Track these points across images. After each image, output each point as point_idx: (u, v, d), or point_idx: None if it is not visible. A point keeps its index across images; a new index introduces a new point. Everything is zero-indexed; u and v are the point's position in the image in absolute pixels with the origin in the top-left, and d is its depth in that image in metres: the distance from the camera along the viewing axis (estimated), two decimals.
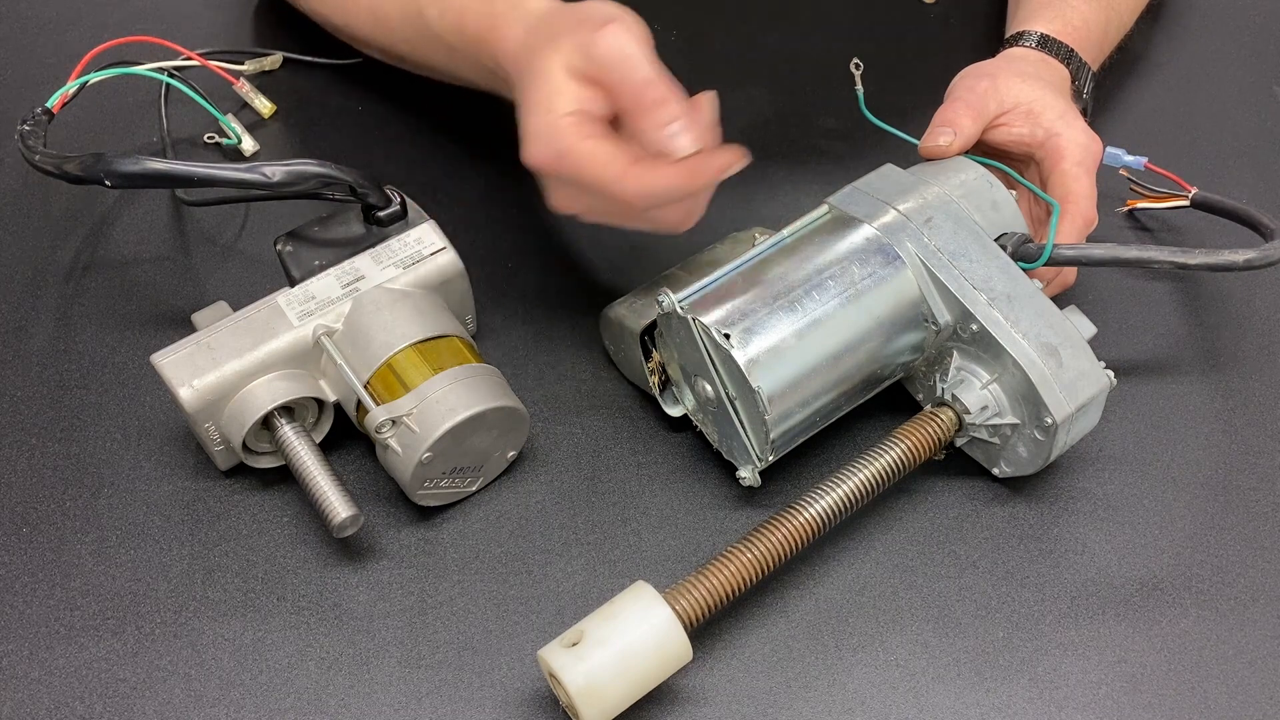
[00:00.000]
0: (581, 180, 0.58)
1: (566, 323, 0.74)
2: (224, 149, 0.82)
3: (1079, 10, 0.78)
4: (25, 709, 0.58)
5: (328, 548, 0.64)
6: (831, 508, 0.60)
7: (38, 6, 0.93)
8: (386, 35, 0.77)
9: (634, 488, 0.66)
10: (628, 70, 0.56)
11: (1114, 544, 0.65)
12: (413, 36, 0.74)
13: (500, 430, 0.63)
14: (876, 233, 0.63)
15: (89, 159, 0.63)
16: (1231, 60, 0.92)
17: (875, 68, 0.74)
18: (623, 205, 0.58)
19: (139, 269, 0.76)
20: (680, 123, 0.56)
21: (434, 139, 0.83)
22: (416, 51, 0.76)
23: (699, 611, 0.57)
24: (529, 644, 0.60)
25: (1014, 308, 0.62)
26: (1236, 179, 0.83)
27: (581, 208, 0.62)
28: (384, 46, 0.79)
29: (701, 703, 0.59)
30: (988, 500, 0.66)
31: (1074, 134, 0.68)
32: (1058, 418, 0.60)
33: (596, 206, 0.61)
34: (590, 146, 0.57)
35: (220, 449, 0.63)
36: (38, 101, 0.72)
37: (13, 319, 0.73)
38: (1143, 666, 0.60)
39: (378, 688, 0.59)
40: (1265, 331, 0.74)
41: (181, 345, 0.62)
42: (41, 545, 0.63)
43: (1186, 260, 0.64)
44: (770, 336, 0.60)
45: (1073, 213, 0.67)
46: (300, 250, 0.66)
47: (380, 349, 0.62)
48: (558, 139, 0.57)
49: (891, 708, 0.59)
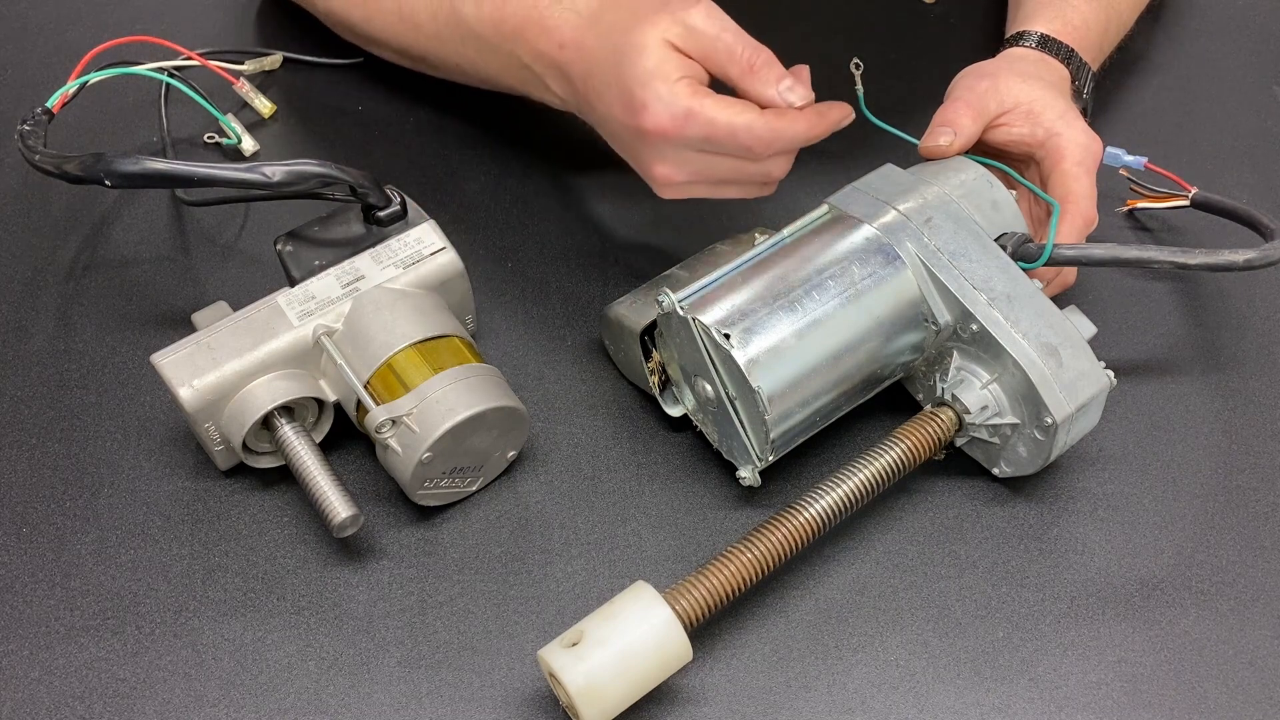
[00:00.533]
0: (713, 134, 0.61)
1: (566, 323, 0.74)
2: (224, 149, 0.82)
3: (1079, 10, 0.78)
4: (25, 709, 0.58)
5: (328, 548, 0.64)
6: (831, 508, 0.60)
7: (38, 6, 0.93)
8: (412, 32, 0.77)
9: (634, 488, 0.66)
10: (731, 39, 0.62)
11: (1114, 544, 0.65)
12: (443, 31, 0.74)
13: (500, 430, 0.63)
14: (876, 233, 0.63)
15: (89, 159, 0.63)
16: (1231, 60, 0.92)
17: (875, 68, 0.74)
18: (746, 154, 0.62)
19: (139, 269, 0.76)
20: (790, 80, 0.63)
21: (434, 139, 0.83)
22: (443, 48, 0.75)
23: (699, 611, 0.57)
24: (529, 644, 0.60)
25: (1014, 308, 0.62)
26: (1236, 179, 0.83)
27: (690, 173, 0.64)
28: (407, 44, 0.78)
29: (701, 703, 0.59)
30: (988, 500, 0.66)
31: (1074, 134, 0.68)
32: (1058, 418, 0.60)
33: (711, 168, 0.64)
34: (714, 101, 0.61)
35: (220, 449, 0.63)
36: (38, 101, 0.72)
37: (13, 319, 0.73)
38: (1143, 666, 0.60)
39: (378, 688, 0.59)
40: (1265, 331, 0.74)
41: (181, 345, 0.62)
42: (41, 545, 0.63)
43: (1186, 260, 0.64)
44: (770, 336, 0.60)
45: (1073, 212, 0.67)
46: (300, 250, 0.66)
47: (380, 349, 0.62)
48: (679, 100, 0.61)
49: (891, 708, 0.59)
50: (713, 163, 0.64)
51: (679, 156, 0.63)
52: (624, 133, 0.65)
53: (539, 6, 0.67)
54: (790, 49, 0.91)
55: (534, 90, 0.72)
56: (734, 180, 0.66)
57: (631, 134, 0.64)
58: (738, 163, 0.64)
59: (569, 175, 0.82)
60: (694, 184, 0.65)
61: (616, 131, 0.66)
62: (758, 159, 0.63)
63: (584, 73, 0.66)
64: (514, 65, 0.70)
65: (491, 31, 0.70)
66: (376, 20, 0.78)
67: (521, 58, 0.69)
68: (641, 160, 0.65)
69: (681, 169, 0.64)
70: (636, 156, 0.66)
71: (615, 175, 0.81)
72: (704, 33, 0.62)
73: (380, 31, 0.79)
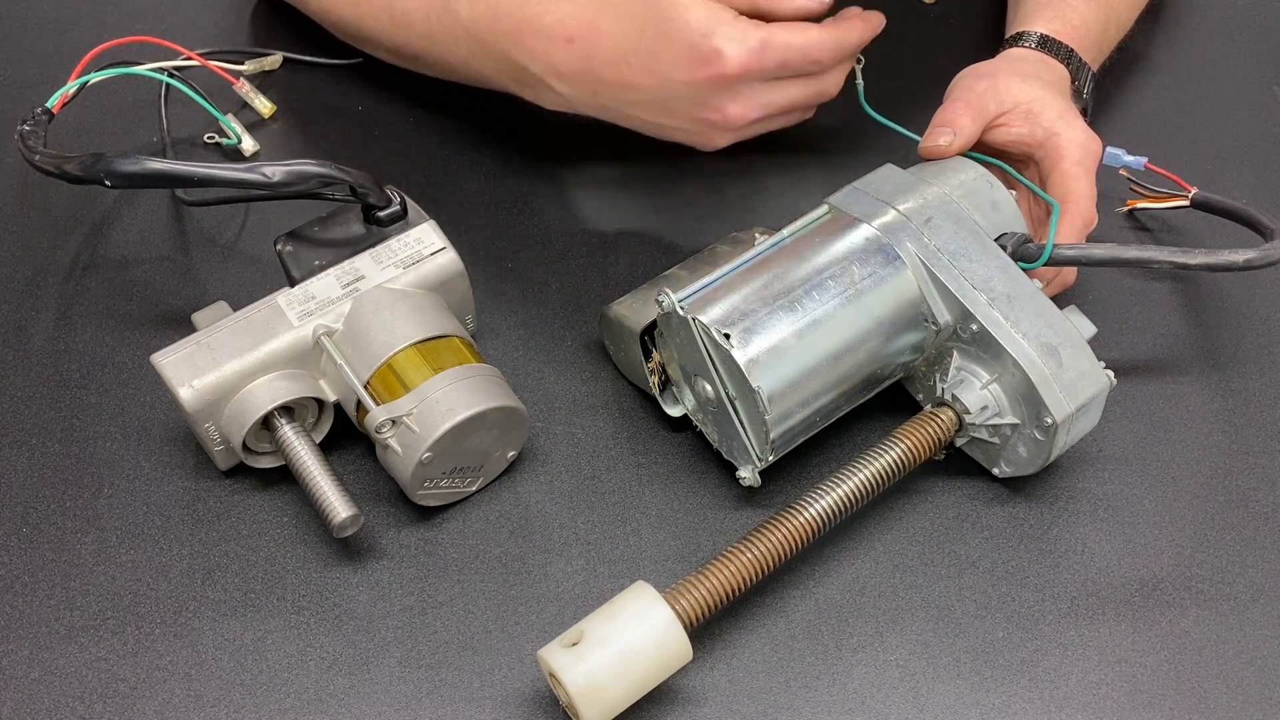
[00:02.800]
0: (787, 57, 0.65)
1: (566, 323, 0.74)
2: (224, 149, 0.82)
3: (1078, 10, 0.78)
4: (25, 709, 0.58)
5: (328, 548, 0.64)
6: (831, 508, 0.60)
7: (38, 6, 0.93)
8: (404, 31, 0.77)
9: (634, 488, 0.66)
10: None
11: (1114, 544, 0.65)
12: (435, 31, 0.74)
13: (500, 430, 0.63)
14: (876, 233, 0.64)
15: (89, 159, 0.63)
16: (1231, 60, 0.92)
17: (875, 67, 0.74)
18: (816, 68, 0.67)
19: (139, 269, 0.76)
20: None
21: (434, 139, 0.83)
22: (435, 48, 0.76)
23: (699, 611, 0.57)
24: (529, 644, 0.60)
25: (1014, 308, 0.62)
26: (1236, 179, 0.83)
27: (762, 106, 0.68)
28: (399, 44, 0.79)
29: (701, 703, 0.59)
30: (988, 500, 0.66)
31: (1073, 134, 0.68)
32: (1058, 418, 0.60)
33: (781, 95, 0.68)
34: (778, 26, 0.66)
35: (220, 449, 0.63)
36: (38, 101, 0.72)
37: (13, 319, 0.73)
38: (1143, 666, 0.60)
39: (378, 688, 0.59)
40: (1265, 331, 0.74)
41: (181, 345, 0.62)
42: (41, 545, 0.63)
43: (1186, 260, 0.64)
44: (770, 336, 0.60)
45: (1072, 212, 0.67)
46: (300, 250, 0.66)
47: (380, 349, 0.62)
48: (750, 35, 0.65)
49: (891, 708, 0.59)
50: (783, 90, 0.68)
51: (751, 92, 0.67)
52: (689, 91, 0.67)
53: (531, 5, 0.68)
54: None
55: (529, 90, 0.72)
56: (798, 105, 0.70)
57: (702, 87, 0.66)
58: (804, 83, 0.68)
59: (569, 175, 0.82)
60: (763, 120, 0.69)
61: (675, 95, 0.67)
62: (824, 71, 0.68)
63: (611, 57, 0.67)
64: (509, 66, 0.71)
65: (486, 31, 0.71)
66: (368, 19, 0.79)
67: (518, 59, 0.70)
68: (710, 108, 0.67)
69: (754, 104, 0.67)
70: (703, 107, 0.67)
71: (616, 174, 0.82)
72: None
73: (372, 31, 0.79)
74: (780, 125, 0.72)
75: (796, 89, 0.68)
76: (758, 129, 0.71)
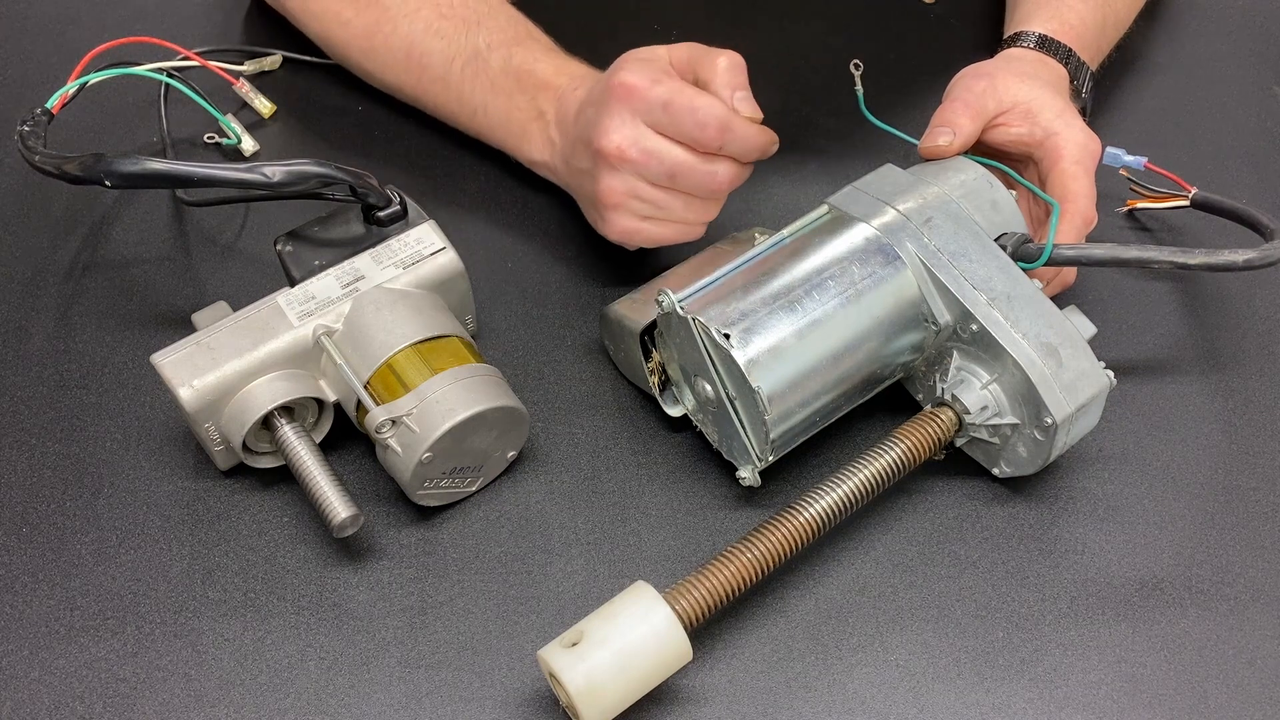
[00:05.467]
0: (675, 101, 0.64)
1: (566, 323, 0.74)
2: (224, 149, 0.82)
3: (1076, 10, 0.78)
4: (25, 709, 0.58)
5: (328, 548, 0.64)
6: (831, 508, 0.60)
7: (38, 6, 0.93)
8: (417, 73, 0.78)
9: (634, 488, 0.66)
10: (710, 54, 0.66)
11: (1114, 544, 0.65)
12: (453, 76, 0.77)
13: (500, 430, 0.63)
14: (876, 233, 0.63)
15: (89, 159, 0.63)
16: (1231, 60, 0.92)
17: (875, 68, 0.74)
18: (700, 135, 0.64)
19: (139, 269, 0.76)
20: (746, 93, 0.66)
21: (434, 139, 0.83)
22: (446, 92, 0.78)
23: (699, 611, 0.57)
24: (529, 644, 0.60)
25: (1014, 308, 0.62)
26: (1236, 179, 0.83)
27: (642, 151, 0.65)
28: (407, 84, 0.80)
29: (701, 703, 0.59)
30: (988, 500, 0.66)
31: (1072, 133, 0.68)
32: (1058, 418, 0.60)
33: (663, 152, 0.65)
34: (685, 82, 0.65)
35: (220, 449, 0.63)
36: (38, 101, 0.72)
37: (13, 319, 0.73)
38: (1143, 666, 0.60)
39: (378, 688, 0.59)
40: (1265, 331, 0.74)
41: (181, 345, 0.62)
42: (41, 545, 0.63)
43: (1186, 260, 0.64)
44: (770, 336, 0.60)
45: (1072, 212, 0.67)
46: (300, 250, 0.66)
47: (380, 349, 0.62)
48: (656, 69, 0.65)
49: (891, 708, 0.59)
50: (663, 146, 0.65)
51: (636, 129, 0.65)
52: (592, 110, 0.67)
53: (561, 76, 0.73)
54: (791, 49, 0.92)
55: (527, 139, 0.75)
56: (683, 176, 0.66)
57: (599, 102, 0.66)
58: (686, 154, 0.65)
59: None
60: (642, 169, 0.65)
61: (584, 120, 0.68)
62: (708, 147, 0.64)
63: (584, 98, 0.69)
64: (525, 114, 0.74)
65: (513, 82, 0.74)
66: (381, 54, 0.79)
67: (540, 106, 0.73)
68: (598, 129, 0.65)
69: (635, 143, 0.64)
70: (594, 128, 0.66)
71: None
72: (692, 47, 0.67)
73: (380, 67, 0.80)
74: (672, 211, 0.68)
75: (678, 156, 0.65)
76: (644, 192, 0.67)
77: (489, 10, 0.77)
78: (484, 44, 0.75)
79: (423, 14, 0.77)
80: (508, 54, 0.75)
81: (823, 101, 0.85)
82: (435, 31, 0.76)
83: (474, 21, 0.76)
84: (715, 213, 0.69)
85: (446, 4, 0.77)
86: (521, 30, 0.77)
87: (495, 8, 0.77)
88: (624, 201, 0.67)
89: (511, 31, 0.76)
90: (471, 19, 0.76)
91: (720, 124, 0.64)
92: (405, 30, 0.77)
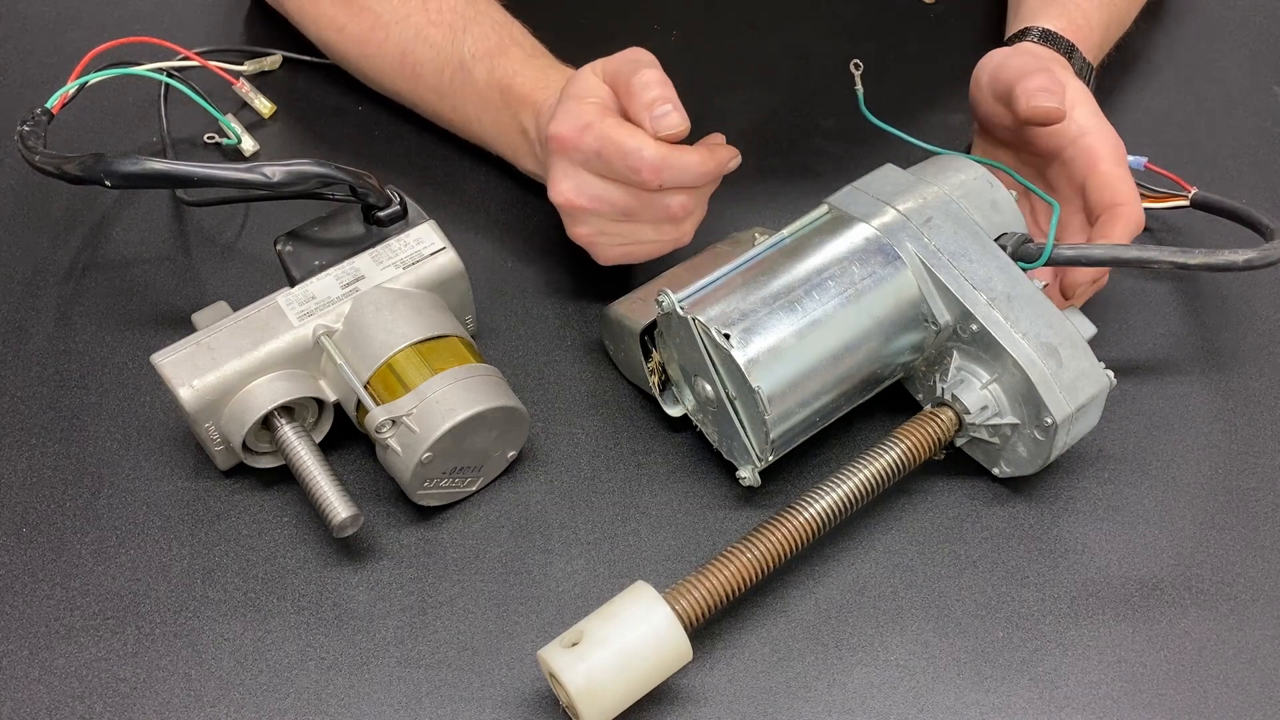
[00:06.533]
0: (604, 149, 0.63)
1: (566, 323, 0.74)
2: (224, 149, 0.82)
3: (1082, 8, 0.77)
4: (25, 709, 0.58)
5: (328, 548, 0.64)
6: (831, 508, 0.60)
7: (38, 6, 0.93)
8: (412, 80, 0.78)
9: (634, 488, 0.66)
10: (634, 67, 0.64)
11: (1114, 544, 0.65)
12: (445, 86, 0.76)
13: (500, 430, 0.63)
14: (876, 233, 0.63)
15: (89, 159, 0.63)
16: (1231, 60, 0.92)
17: (875, 68, 0.74)
18: (636, 178, 0.63)
19: (139, 269, 0.76)
20: (670, 105, 0.63)
21: (434, 139, 0.83)
22: (441, 101, 0.78)
23: (699, 611, 0.57)
24: (529, 644, 0.60)
25: (1014, 308, 0.62)
26: (1236, 179, 0.83)
27: (590, 198, 0.65)
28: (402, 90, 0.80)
29: (701, 703, 0.59)
30: (988, 500, 0.66)
31: (1105, 133, 0.67)
32: (1058, 418, 0.60)
33: (609, 194, 0.65)
34: (615, 121, 0.63)
35: (220, 449, 0.63)
36: (38, 101, 0.72)
37: (13, 319, 0.73)
38: (1143, 666, 0.60)
39: (378, 688, 0.59)
40: (1265, 331, 0.74)
41: (181, 345, 0.62)
42: (41, 545, 0.63)
43: (1186, 260, 0.64)
44: (770, 336, 0.60)
45: (1127, 215, 0.66)
46: (300, 250, 0.66)
47: (380, 349, 0.62)
48: (584, 115, 0.63)
49: (891, 708, 0.59)
50: (609, 190, 0.65)
51: (579, 177, 0.65)
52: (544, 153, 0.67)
53: (540, 90, 0.71)
54: (791, 49, 0.92)
55: (521, 155, 0.75)
56: (638, 212, 0.65)
57: (547, 151, 0.66)
58: (634, 193, 0.64)
59: None
60: (597, 212, 0.66)
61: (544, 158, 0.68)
62: (648, 186, 0.64)
63: None
64: (512, 129, 0.73)
65: (497, 96, 0.73)
66: (375, 60, 0.79)
67: (522, 122, 0.72)
68: (549, 181, 0.66)
69: (581, 192, 0.65)
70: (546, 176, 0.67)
71: None
72: (618, 61, 0.65)
73: (377, 73, 0.80)
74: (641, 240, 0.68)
75: (623, 195, 0.64)
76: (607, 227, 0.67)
77: (475, 15, 0.76)
78: (469, 54, 0.74)
79: (412, 20, 0.76)
80: (490, 65, 0.74)
81: (823, 101, 0.85)
82: (425, 39, 0.76)
83: (460, 29, 0.75)
84: (691, 229, 0.68)
85: (435, 9, 0.76)
86: (505, 37, 0.75)
87: (482, 11, 0.76)
88: (595, 239, 0.68)
89: (495, 40, 0.75)
90: (458, 25, 0.75)
91: (653, 166, 0.62)
92: (397, 37, 0.77)
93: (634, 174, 0.63)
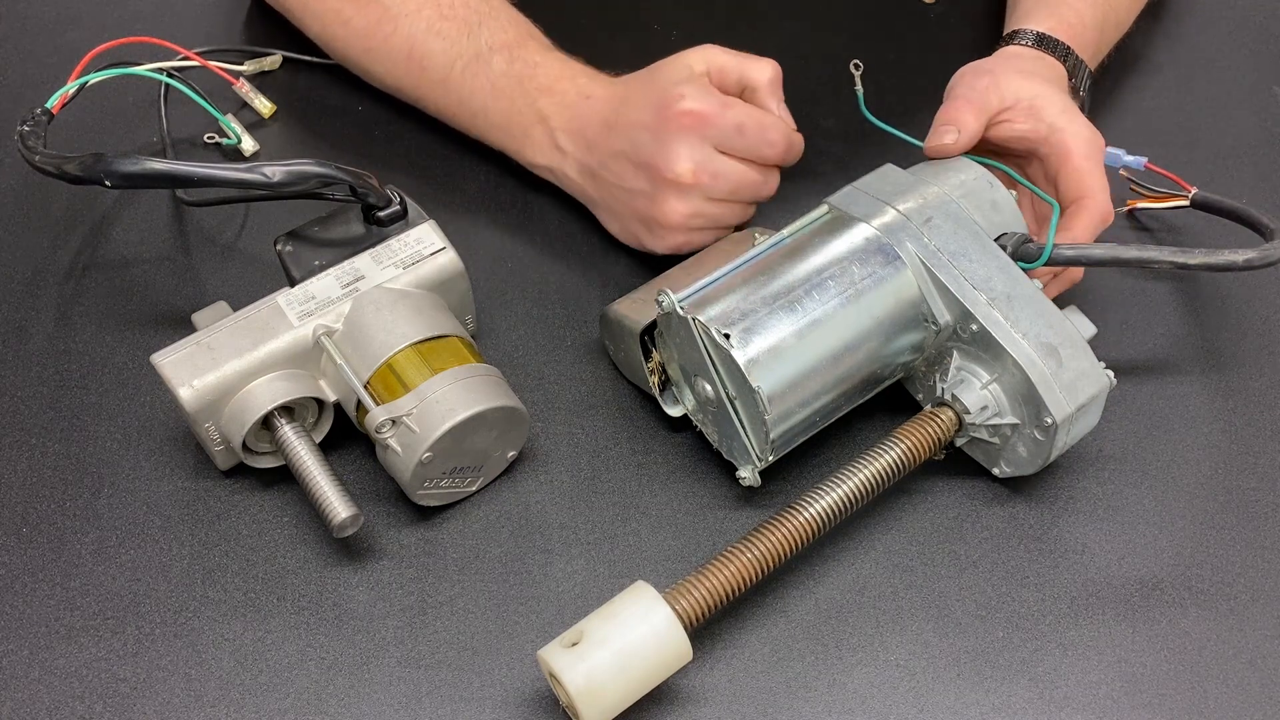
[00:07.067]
0: (747, 123, 0.68)
1: (566, 323, 0.74)
2: (224, 149, 0.82)
3: (1075, 9, 0.78)
4: (25, 709, 0.58)
5: (328, 548, 0.64)
6: (831, 508, 0.60)
7: (38, 6, 0.93)
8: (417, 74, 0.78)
9: (634, 488, 0.66)
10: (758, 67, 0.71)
11: (1114, 544, 0.65)
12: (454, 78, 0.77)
13: (500, 430, 0.63)
14: (876, 233, 0.63)
15: (89, 159, 0.63)
16: (1231, 60, 0.92)
17: (875, 68, 0.74)
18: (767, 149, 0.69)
19: (139, 269, 0.76)
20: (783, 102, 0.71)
21: (434, 139, 0.83)
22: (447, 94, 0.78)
23: (699, 611, 0.57)
24: (529, 644, 0.60)
25: (1014, 308, 0.62)
26: (1236, 179, 0.83)
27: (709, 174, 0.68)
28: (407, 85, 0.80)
29: (701, 703, 0.59)
30: (988, 500, 0.66)
31: (1078, 129, 0.68)
32: (1058, 418, 0.60)
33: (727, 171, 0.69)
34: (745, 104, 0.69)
35: (220, 449, 0.63)
36: (38, 101, 0.72)
37: (13, 319, 0.73)
38: (1143, 666, 0.60)
39: (378, 688, 0.59)
40: (1265, 331, 0.74)
41: (181, 345, 0.62)
42: (41, 545, 0.63)
43: (1186, 260, 0.64)
44: (770, 336, 0.60)
45: (1091, 208, 0.67)
46: (300, 250, 0.66)
47: (380, 349, 0.62)
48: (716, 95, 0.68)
49: (891, 708, 0.59)
50: (730, 166, 0.68)
51: (704, 152, 0.68)
52: (649, 135, 0.68)
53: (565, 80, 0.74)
54: (791, 49, 0.92)
55: (530, 142, 0.75)
56: (740, 191, 0.70)
57: (659, 129, 0.68)
58: (748, 173, 0.69)
59: None
60: (708, 190, 0.69)
61: (638, 143, 0.69)
62: (771, 162, 0.70)
63: (611, 112, 0.71)
64: (526, 118, 0.75)
65: (515, 86, 0.75)
66: (380, 54, 0.79)
67: (541, 110, 0.74)
68: (665, 156, 0.68)
69: (704, 167, 0.68)
70: (657, 152, 0.68)
71: None
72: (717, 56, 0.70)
73: (381, 67, 0.80)
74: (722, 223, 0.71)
75: (739, 173, 0.69)
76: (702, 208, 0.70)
77: (490, 10, 0.77)
78: (485, 45, 0.75)
79: (424, 14, 0.77)
80: (509, 56, 0.75)
81: (823, 101, 0.85)
82: (436, 32, 0.76)
83: (475, 23, 0.76)
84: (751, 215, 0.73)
85: (448, 4, 0.77)
86: (524, 31, 0.77)
87: (497, 8, 0.77)
88: (686, 220, 0.70)
89: (514, 33, 0.76)
90: (473, 19, 0.76)
91: (787, 142, 0.69)
92: (406, 30, 0.77)
93: (770, 148, 0.69)
